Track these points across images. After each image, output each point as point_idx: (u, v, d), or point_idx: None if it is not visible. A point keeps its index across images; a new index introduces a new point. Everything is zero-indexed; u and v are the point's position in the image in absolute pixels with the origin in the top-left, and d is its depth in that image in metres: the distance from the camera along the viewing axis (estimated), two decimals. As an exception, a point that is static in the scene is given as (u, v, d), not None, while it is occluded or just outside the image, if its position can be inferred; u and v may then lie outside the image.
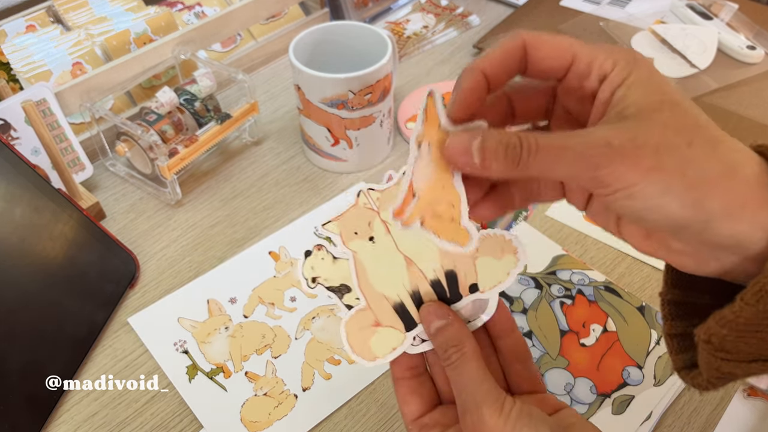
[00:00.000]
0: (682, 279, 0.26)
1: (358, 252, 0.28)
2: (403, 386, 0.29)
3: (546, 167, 0.22)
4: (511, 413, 0.25)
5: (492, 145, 0.23)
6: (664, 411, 0.41)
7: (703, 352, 0.23)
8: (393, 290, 0.28)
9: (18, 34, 0.62)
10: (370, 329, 0.28)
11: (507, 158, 0.22)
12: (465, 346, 0.26)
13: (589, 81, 0.23)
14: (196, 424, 0.42)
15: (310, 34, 0.57)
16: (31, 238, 0.45)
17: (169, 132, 0.55)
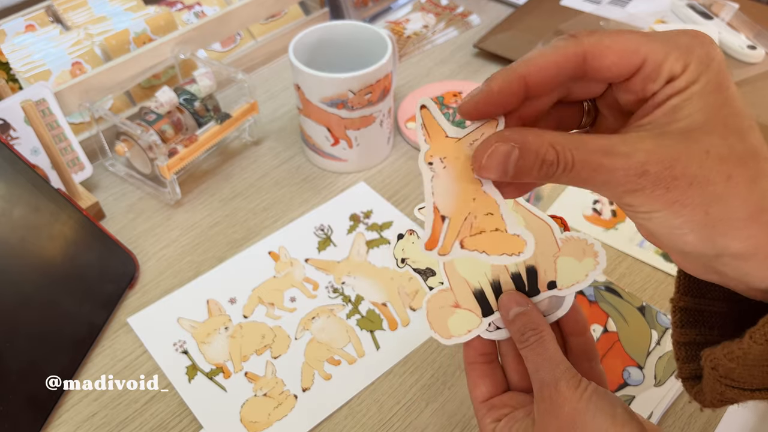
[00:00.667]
0: (695, 286, 0.26)
1: None
2: (474, 370, 0.30)
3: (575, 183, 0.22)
4: (587, 389, 0.26)
5: (528, 162, 0.21)
6: (665, 411, 0.41)
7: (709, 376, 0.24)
8: (475, 277, 0.29)
9: (17, 33, 0.62)
10: (449, 309, 0.30)
11: (540, 173, 0.22)
12: (543, 330, 0.28)
13: (654, 84, 0.21)
14: (195, 424, 0.42)
15: (310, 34, 0.57)
16: (31, 238, 0.44)
17: (168, 132, 0.55)
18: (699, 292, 0.26)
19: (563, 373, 0.26)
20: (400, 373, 0.44)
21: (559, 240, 0.28)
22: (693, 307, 0.26)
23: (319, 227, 0.54)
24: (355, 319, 0.47)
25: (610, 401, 0.26)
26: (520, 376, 0.30)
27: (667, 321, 0.46)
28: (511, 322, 0.29)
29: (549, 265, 0.29)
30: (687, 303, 0.26)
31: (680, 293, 0.26)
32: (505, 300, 0.29)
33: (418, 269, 0.31)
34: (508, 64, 0.23)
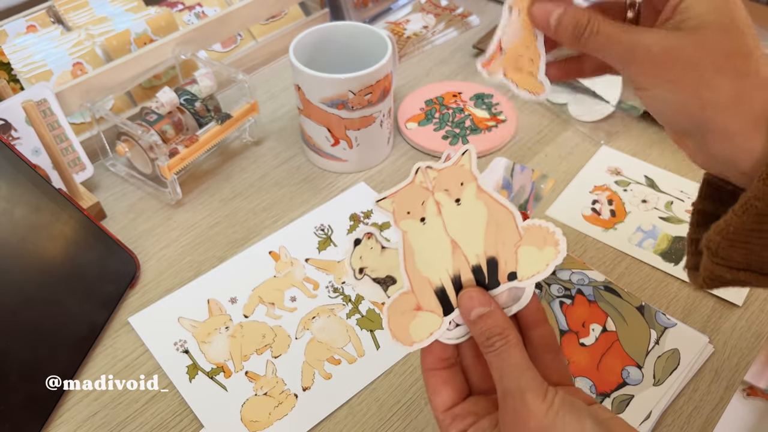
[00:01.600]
0: (715, 192, 0.30)
1: (408, 232, 0.29)
2: (434, 376, 0.29)
3: (598, 49, 0.28)
4: (554, 400, 0.25)
5: (566, 20, 0.29)
6: (664, 410, 0.42)
7: (704, 256, 0.28)
8: (436, 274, 0.29)
9: (18, 34, 0.62)
10: (410, 313, 0.29)
11: (573, 33, 0.28)
12: (509, 334, 0.27)
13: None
14: (196, 423, 0.42)
15: (311, 35, 0.57)
16: (32, 238, 0.45)
17: (169, 132, 0.55)
18: (716, 198, 0.29)
19: (529, 383, 0.26)
20: (400, 372, 0.44)
21: (521, 228, 0.28)
22: (710, 210, 0.30)
23: (319, 227, 0.54)
24: (355, 318, 0.47)
25: (577, 415, 0.25)
26: (482, 378, 0.30)
27: (666, 321, 0.46)
28: (474, 324, 0.28)
29: (510, 255, 0.28)
30: (705, 206, 0.30)
31: (700, 197, 0.30)
32: (465, 299, 0.28)
33: (378, 278, 0.29)
34: None
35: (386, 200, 0.28)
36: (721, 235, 0.26)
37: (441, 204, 0.28)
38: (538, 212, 0.55)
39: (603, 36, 0.28)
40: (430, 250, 0.28)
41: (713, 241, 0.26)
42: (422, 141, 0.61)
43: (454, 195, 0.28)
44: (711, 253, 0.27)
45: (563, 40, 0.29)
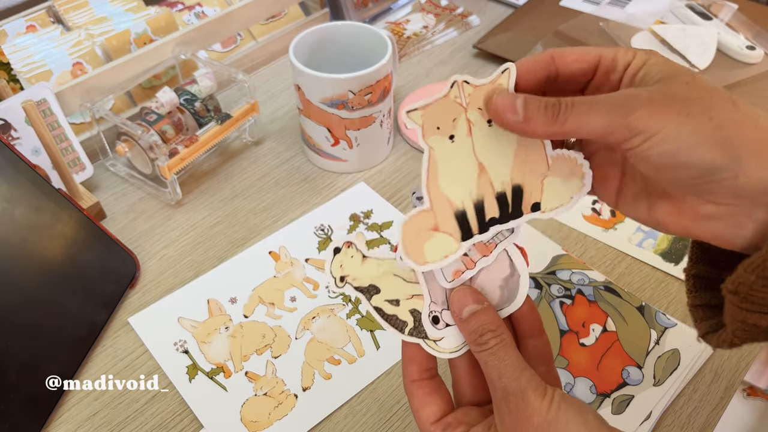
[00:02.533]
0: (706, 255, 0.27)
1: (435, 149, 0.27)
2: (421, 387, 0.28)
3: (582, 120, 0.24)
4: (554, 398, 0.25)
5: (534, 103, 0.25)
6: (664, 411, 0.42)
7: (730, 305, 0.24)
8: (459, 195, 0.27)
9: (18, 34, 0.62)
10: (427, 233, 0.27)
11: (546, 113, 0.25)
12: (503, 332, 0.26)
13: (615, 73, 0.26)
14: (196, 424, 0.42)
15: (310, 35, 0.57)
16: (32, 238, 0.45)
17: (169, 132, 0.55)
18: (711, 261, 0.27)
19: (529, 381, 0.25)
20: (400, 372, 0.44)
21: (549, 157, 0.27)
22: (705, 275, 0.27)
23: (319, 227, 0.54)
24: (355, 318, 0.47)
25: (579, 409, 0.25)
26: (474, 390, 0.29)
27: (667, 321, 0.46)
28: (466, 321, 0.27)
29: (536, 184, 0.27)
30: (700, 270, 0.28)
31: (693, 262, 0.28)
32: (458, 296, 0.28)
33: (360, 287, 0.28)
34: None
35: (416, 112, 0.27)
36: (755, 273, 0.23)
37: (473, 123, 0.27)
38: (538, 212, 0.55)
39: (583, 104, 0.24)
40: (455, 170, 0.27)
41: (745, 282, 0.23)
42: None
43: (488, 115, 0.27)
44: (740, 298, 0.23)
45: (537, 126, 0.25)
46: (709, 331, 0.27)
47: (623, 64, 0.25)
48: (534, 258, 0.50)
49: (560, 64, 0.26)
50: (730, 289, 0.24)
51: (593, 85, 0.27)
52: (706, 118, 0.23)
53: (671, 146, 0.23)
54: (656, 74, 0.24)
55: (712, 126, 0.23)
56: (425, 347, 0.28)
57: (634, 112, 0.23)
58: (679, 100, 0.23)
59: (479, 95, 0.27)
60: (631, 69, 0.25)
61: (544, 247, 0.51)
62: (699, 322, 0.27)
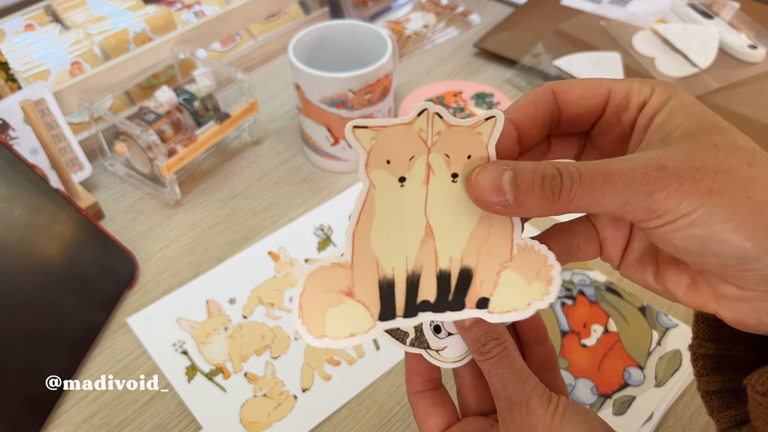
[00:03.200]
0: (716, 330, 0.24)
1: (377, 188, 0.21)
2: (425, 398, 0.27)
3: (593, 198, 0.19)
4: (559, 406, 0.24)
5: (527, 178, 0.20)
6: (665, 412, 0.41)
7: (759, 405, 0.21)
8: (391, 259, 0.22)
9: (16, 33, 0.62)
10: (336, 295, 0.22)
11: (545, 191, 0.20)
12: (506, 340, 0.25)
13: (627, 113, 0.22)
14: (195, 424, 0.42)
15: (310, 33, 0.57)
16: (30, 238, 0.44)
17: (168, 131, 0.55)
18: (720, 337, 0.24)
19: (533, 390, 0.24)
20: (400, 373, 0.44)
21: (515, 245, 0.23)
22: (715, 353, 0.25)
23: (319, 227, 0.54)
24: (355, 319, 0.47)
25: (584, 416, 0.24)
26: (479, 400, 0.28)
27: (668, 321, 0.46)
28: (468, 330, 0.25)
29: (490, 274, 0.23)
30: (708, 350, 0.25)
31: (701, 339, 0.25)
32: None
33: None
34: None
35: (366, 131, 0.21)
36: None
37: (433, 171, 0.21)
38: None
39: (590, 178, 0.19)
40: (396, 225, 0.22)
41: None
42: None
43: (454, 167, 0.21)
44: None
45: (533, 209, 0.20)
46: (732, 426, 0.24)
47: (637, 103, 0.22)
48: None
49: (563, 102, 0.23)
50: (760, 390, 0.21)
51: (602, 123, 0.23)
52: (744, 198, 0.19)
53: (700, 232, 0.19)
54: (679, 126, 0.20)
55: (750, 208, 0.19)
56: (428, 358, 0.26)
57: (659, 190, 0.19)
58: (711, 173, 0.19)
59: (450, 138, 0.21)
60: (648, 110, 0.21)
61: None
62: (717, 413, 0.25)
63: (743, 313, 0.21)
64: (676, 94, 0.21)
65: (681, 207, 0.19)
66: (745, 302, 0.21)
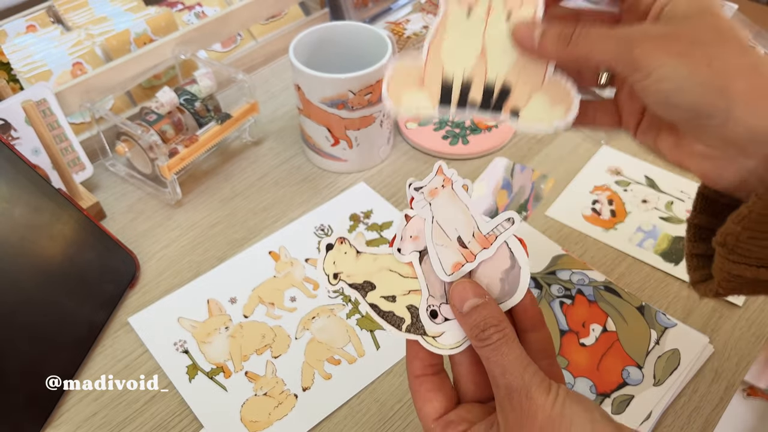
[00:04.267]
0: (709, 206, 0.28)
1: (450, 14, 0.28)
2: (424, 383, 0.28)
3: (591, 47, 0.25)
4: (559, 394, 0.24)
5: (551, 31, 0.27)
6: (664, 411, 0.42)
7: (718, 257, 0.25)
8: (453, 66, 0.29)
9: (18, 34, 0.62)
10: (411, 83, 0.29)
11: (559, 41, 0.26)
12: (506, 327, 0.25)
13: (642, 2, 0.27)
14: (196, 424, 0.42)
15: (310, 34, 0.57)
16: (31, 238, 0.45)
17: (169, 132, 0.55)
18: (713, 212, 0.28)
19: (533, 377, 0.24)
20: (401, 372, 0.44)
21: (547, 76, 0.28)
22: (706, 225, 0.28)
23: (319, 227, 0.54)
24: (355, 318, 0.47)
25: (585, 405, 0.24)
26: (477, 387, 0.28)
27: (667, 321, 0.46)
28: (467, 316, 0.26)
29: (524, 93, 0.28)
30: (701, 221, 0.29)
31: (696, 211, 0.29)
32: (458, 290, 0.27)
33: (355, 284, 0.28)
34: None
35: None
36: (742, 224, 0.24)
37: (493, 9, 0.28)
38: (538, 212, 0.55)
39: (594, 35, 0.26)
40: (460, 43, 0.28)
41: (732, 233, 0.24)
42: (422, 141, 0.61)
43: (510, 6, 0.28)
44: (728, 250, 0.25)
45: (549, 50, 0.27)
46: (699, 281, 0.28)
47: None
48: (534, 258, 0.50)
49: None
50: (719, 240, 0.25)
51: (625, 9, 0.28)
52: (705, 64, 0.23)
53: (667, 86, 0.24)
54: (679, 11, 0.25)
55: (709, 72, 0.23)
56: (424, 344, 0.27)
57: (638, 46, 0.24)
58: (685, 42, 0.24)
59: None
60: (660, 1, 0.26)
61: (544, 247, 0.51)
62: (692, 270, 0.29)
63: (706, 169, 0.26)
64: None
65: (653, 62, 0.24)
66: (710, 159, 0.25)
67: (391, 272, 0.28)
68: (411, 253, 0.28)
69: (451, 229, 0.28)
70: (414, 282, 0.28)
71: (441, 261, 0.28)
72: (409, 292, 0.28)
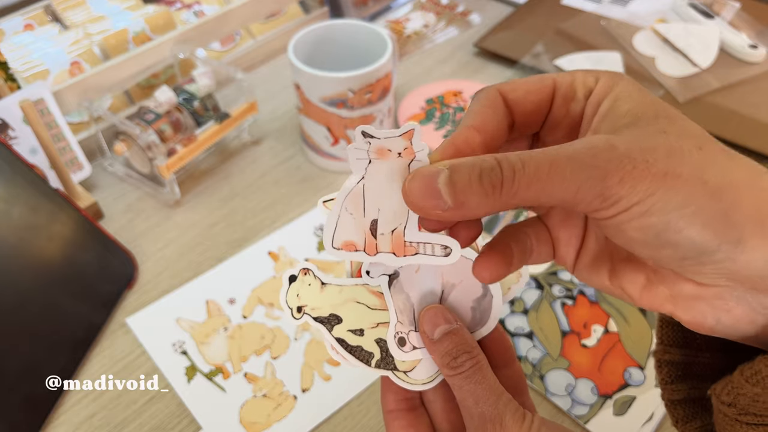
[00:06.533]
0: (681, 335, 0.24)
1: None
2: (397, 419, 0.26)
3: (540, 188, 0.18)
4: (534, 422, 0.23)
5: (463, 174, 0.18)
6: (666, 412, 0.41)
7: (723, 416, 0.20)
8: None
9: (16, 32, 0.62)
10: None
11: (484, 187, 0.18)
12: (478, 353, 0.24)
13: (575, 103, 0.21)
14: (194, 425, 0.42)
15: (310, 33, 0.57)
16: (29, 239, 0.44)
17: (167, 131, 0.55)
18: (685, 342, 0.23)
19: (506, 406, 0.23)
20: (400, 373, 0.44)
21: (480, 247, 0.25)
22: (680, 360, 0.24)
23: (319, 227, 0.54)
24: (355, 319, 0.47)
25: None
26: (452, 426, 0.26)
27: (669, 321, 0.46)
28: (437, 343, 0.24)
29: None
30: (673, 356, 0.24)
31: (665, 345, 0.24)
32: (428, 316, 0.24)
33: (320, 317, 0.26)
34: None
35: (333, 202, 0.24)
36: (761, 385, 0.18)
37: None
38: (539, 212, 0.55)
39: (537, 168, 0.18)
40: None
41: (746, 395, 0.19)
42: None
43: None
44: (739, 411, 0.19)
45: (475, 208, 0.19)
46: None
47: (584, 92, 0.21)
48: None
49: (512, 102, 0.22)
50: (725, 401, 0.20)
51: (551, 119, 0.22)
52: (699, 183, 0.17)
53: (656, 220, 0.18)
54: (626, 112, 0.19)
55: (706, 192, 0.17)
56: (395, 380, 0.26)
57: (611, 175, 0.17)
58: (663, 156, 0.18)
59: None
60: (594, 98, 0.21)
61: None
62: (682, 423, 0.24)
63: (701, 312, 0.20)
64: (621, 81, 0.20)
65: (635, 193, 0.17)
66: (703, 300, 0.19)
67: (359, 304, 0.26)
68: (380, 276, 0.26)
69: (373, 206, 0.23)
70: (383, 314, 0.26)
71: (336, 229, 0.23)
72: (378, 324, 0.26)
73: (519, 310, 0.47)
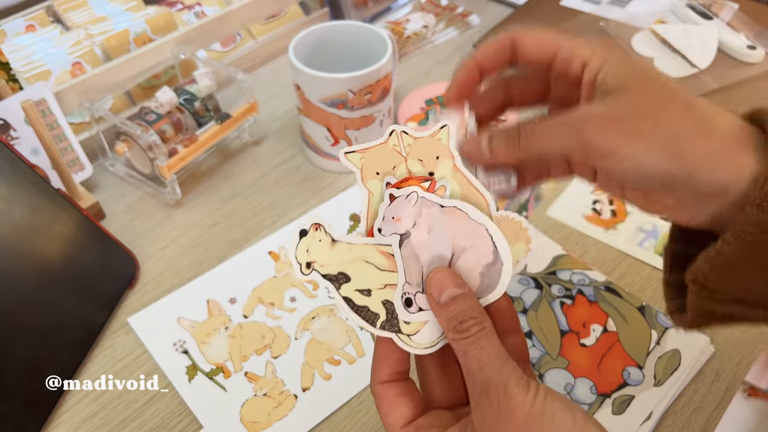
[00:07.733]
0: (683, 234, 0.28)
1: (374, 194, 0.27)
2: (391, 389, 0.27)
3: (542, 144, 0.26)
4: (539, 391, 0.23)
5: (496, 138, 0.27)
6: (665, 411, 0.41)
7: (690, 293, 0.26)
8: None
9: (17, 33, 0.62)
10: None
11: (509, 144, 0.26)
12: (485, 320, 0.25)
13: (572, 67, 0.27)
14: (195, 424, 0.42)
15: (310, 34, 0.57)
16: (31, 239, 0.44)
17: (168, 132, 0.55)
18: (687, 240, 0.28)
19: (511, 373, 0.23)
20: (400, 373, 0.44)
21: (493, 217, 0.26)
22: (681, 252, 0.28)
23: (319, 227, 0.54)
24: (355, 319, 0.47)
25: (565, 402, 0.23)
26: (445, 393, 0.27)
27: (667, 321, 0.46)
28: (444, 306, 0.25)
29: None
30: (676, 249, 0.28)
31: (670, 240, 0.29)
32: (437, 279, 0.25)
33: (328, 275, 0.26)
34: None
35: (355, 154, 0.26)
36: (710, 263, 0.24)
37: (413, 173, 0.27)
38: (538, 212, 0.55)
39: (541, 129, 0.26)
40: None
41: (701, 272, 0.24)
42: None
43: (428, 167, 0.27)
44: (698, 286, 0.25)
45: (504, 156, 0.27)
46: (675, 311, 0.28)
47: (580, 61, 0.26)
48: (534, 258, 0.50)
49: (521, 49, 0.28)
50: (690, 278, 0.25)
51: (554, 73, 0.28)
52: (658, 136, 0.24)
53: (628, 165, 0.24)
54: (612, 81, 0.25)
55: (663, 143, 0.24)
56: (398, 342, 0.26)
57: (587, 135, 0.24)
58: (631, 118, 0.24)
59: (420, 147, 0.27)
60: (590, 70, 0.26)
61: (544, 248, 0.51)
62: (669, 300, 0.29)
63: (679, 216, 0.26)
64: (612, 53, 0.26)
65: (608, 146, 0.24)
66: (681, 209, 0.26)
67: (368, 264, 0.26)
68: (391, 235, 0.26)
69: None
70: (391, 276, 0.26)
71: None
72: (385, 286, 0.26)
73: (518, 310, 0.47)
